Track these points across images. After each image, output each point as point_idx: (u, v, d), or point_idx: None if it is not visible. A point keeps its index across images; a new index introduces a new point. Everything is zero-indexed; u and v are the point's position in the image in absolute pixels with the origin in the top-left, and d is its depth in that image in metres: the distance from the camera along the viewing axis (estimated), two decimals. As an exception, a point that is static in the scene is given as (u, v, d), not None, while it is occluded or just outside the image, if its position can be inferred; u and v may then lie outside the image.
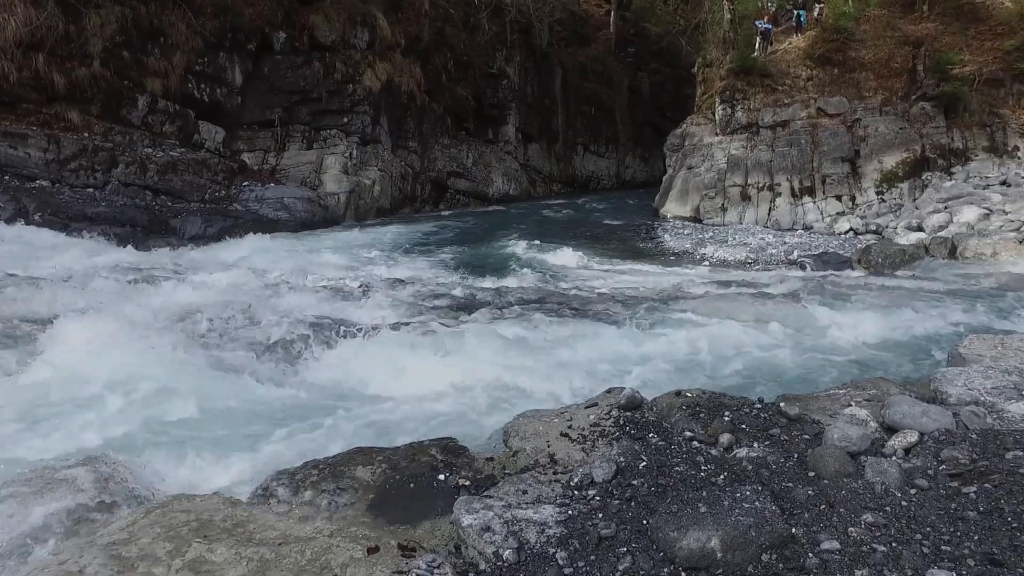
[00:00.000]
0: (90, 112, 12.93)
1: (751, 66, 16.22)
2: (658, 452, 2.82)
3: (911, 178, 14.75)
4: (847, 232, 13.59)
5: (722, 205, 15.46)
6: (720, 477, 2.58)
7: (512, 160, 22.83)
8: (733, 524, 2.11)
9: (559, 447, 3.01)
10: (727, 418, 3.11)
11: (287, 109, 16.11)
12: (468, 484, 2.82)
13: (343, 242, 12.81)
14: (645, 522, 2.26)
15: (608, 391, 3.63)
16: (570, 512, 2.36)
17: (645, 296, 7.90)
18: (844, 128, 15.48)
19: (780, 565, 2.02)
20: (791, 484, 2.50)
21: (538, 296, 7.97)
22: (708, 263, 11.48)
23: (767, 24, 17.51)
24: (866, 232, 13.38)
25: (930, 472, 2.53)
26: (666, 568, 2.05)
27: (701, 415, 3.16)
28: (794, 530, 2.17)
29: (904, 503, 2.30)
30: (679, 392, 3.44)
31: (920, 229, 12.18)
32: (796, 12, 18.03)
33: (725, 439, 2.92)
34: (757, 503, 2.22)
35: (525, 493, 2.56)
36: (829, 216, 14.57)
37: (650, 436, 3.00)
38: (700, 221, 15.51)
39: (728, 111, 16.13)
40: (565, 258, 11.33)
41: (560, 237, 13.72)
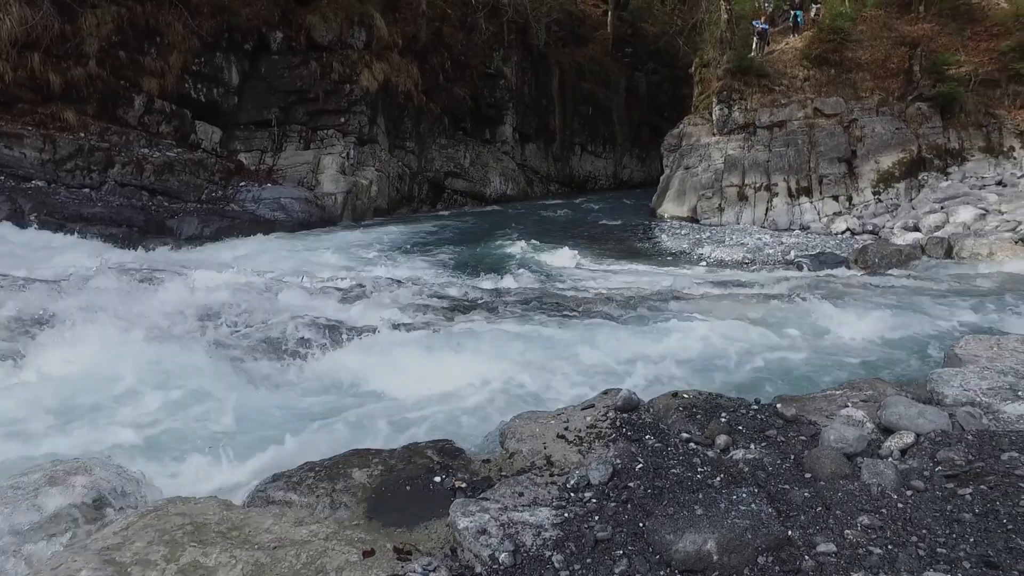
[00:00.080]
0: (86, 112, 12.90)
1: (748, 66, 16.25)
2: (654, 454, 2.82)
3: (907, 178, 14.79)
4: (844, 232, 13.62)
5: (719, 205, 15.47)
6: (716, 479, 2.58)
7: (509, 160, 22.83)
8: (729, 526, 2.10)
9: (555, 449, 3.00)
10: (724, 419, 3.11)
11: (284, 109, 16.09)
12: (464, 486, 2.81)
13: (340, 242, 12.80)
14: (641, 524, 2.26)
15: (605, 392, 3.62)
16: (566, 514, 2.36)
17: (642, 296, 7.91)
18: (841, 128, 15.51)
19: (776, 568, 2.01)
20: (787, 486, 2.50)
21: (535, 296, 7.96)
22: (705, 263, 11.49)
23: (764, 24, 17.55)
24: (863, 232, 13.41)
25: (926, 473, 2.53)
26: (662, 571, 2.04)
27: (698, 416, 3.16)
28: (790, 532, 2.16)
29: (900, 505, 2.30)
30: (676, 393, 3.43)
31: (916, 229, 12.22)
32: (793, 12, 18.08)
33: (722, 440, 2.92)
34: (753, 505, 2.22)
35: (521, 495, 2.55)
36: (826, 216, 14.60)
37: (647, 438, 2.99)
38: (697, 221, 15.53)
39: (725, 111, 16.15)
40: (562, 258, 11.33)
41: (557, 237, 13.72)
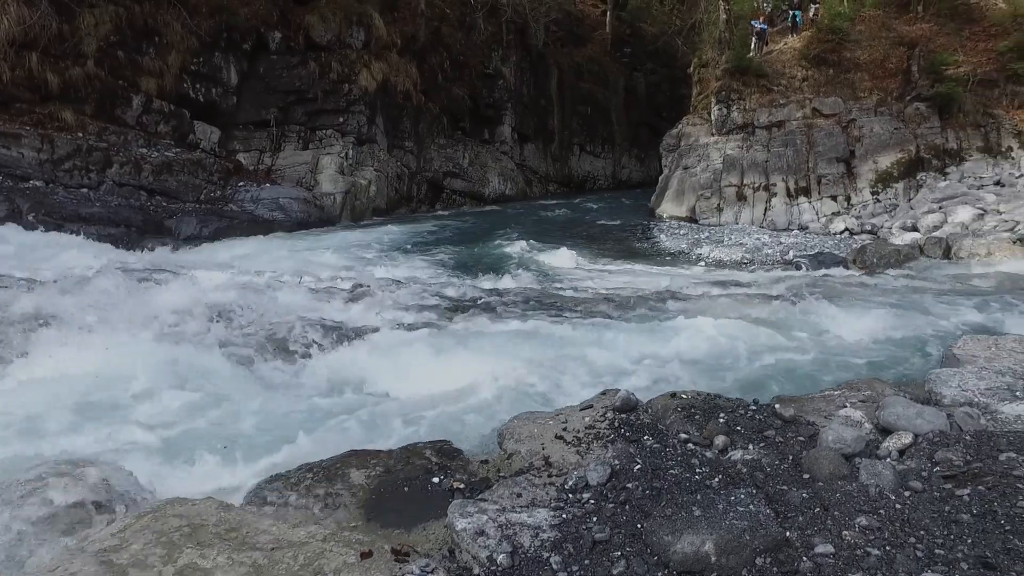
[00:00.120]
0: (84, 112, 12.87)
1: (747, 66, 16.25)
2: (653, 455, 2.82)
3: (906, 178, 14.80)
4: (842, 232, 13.63)
5: (718, 205, 15.48)
6: (715, 480, 2.58)
7: (508, 160, 22.82)
8: (727, 528, 2.10)
9: (554, 449, 3.00)
10: (722, 420, 3.11)
11: (283, 109, 16.07)
12: (463, 487, 2.81)
13: (339, 242, 12.79)
14: (639, 526, 2.26)
15: (603, 393, 3.62)
16: (564, 516, 2.35)
17: (641, 297, 7.91)
18: (839, 128, 15.52)
19: (774, 569, 2.01)
20: (786, 487, 2.50)
21: (534, 297, 7.96)
22: (704, 263, 11.50)
23: (763, 24, 17.55)
24: (861, 232, 13.42)
25: (924, 474, 2.53)
26: (660, 572, 2.04)
27: (696, 417, 3.16)
28: (788, 534, 2.16)
29: (898, 506, 2.30)
30: (674, 394, 3.43)
31: (915, 229, 12.22)
32: (792, 12, 18.08)
33: (720, 441, 2.92)
34: (751, 506, 2.22)
35: (519, 496, 2.55)
36: (824, 216, 14.61)
37: (645, 438, 2.99)
38: (696, 221, 15.53)
39: (724, 111, 16.15)
40: (561, 258, 11.33)
41: (556, 237, 13.72)
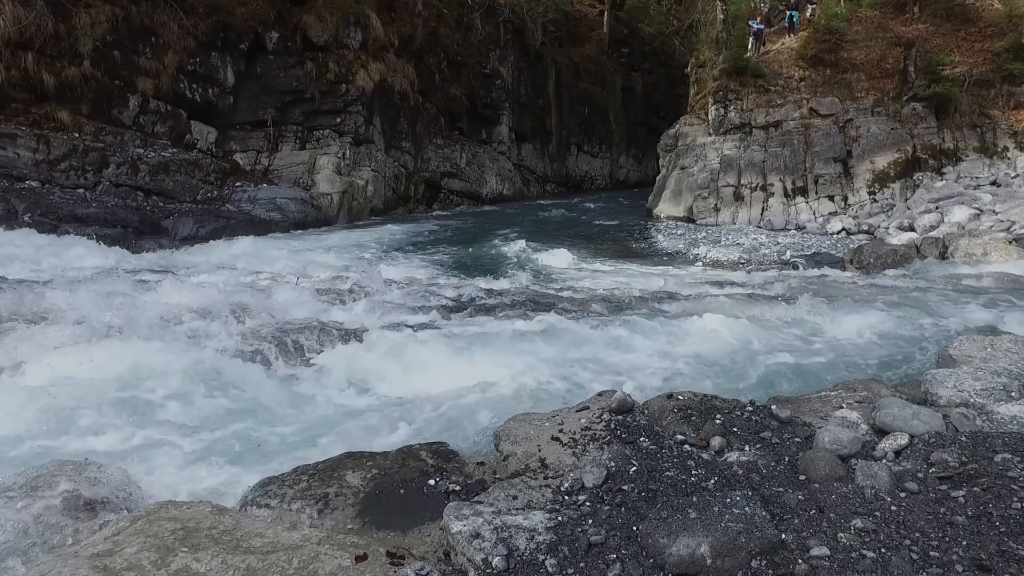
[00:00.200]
0: (80, 112, 12.83)
1: (744, 66, 16.27)
2: (649, 456, 2.82)
3: (903, 178, 14.83)
4: (839, 232, 13.65)
5: (715, 205, 15.49)
6: (711, 482, 2.57)
7: (506, 160, 22.82)
8: (723, 530, 2.10)
9: (550, 451, 3.00)
10: (718, 421, 3.11)
11: (280, 109, 16.05)
12: (459, 489, 2.80)
13: (336, 243, 12.77)
14: (635, 528, 2.26)
15: (599, 394, 3.62)
16: (560, 518, 2.35)
17: (638, 297, 7.90)
18: (836, 128, 15.55)
19: (770, 572, 2.01)
20: (781, 489, 2.50)
21: (531, 297, 7.95)
22: (701, 263, 11.51)
23: (760, 24, 17.57)
24: (858, 232, 13.44)
25: (920, 475, 2.53)
26: (656, 575, 2.04)
27: (692, 418, 3.16)
28: (784, 536, 2.16)
29: (894, 508, 2.30)
30: (670, 395, 3.43)
31: (911, 229, 12.25)
32: (789, 13, 18.11)
33: (716, 442, 2.92)
34: (747, 508, 2.22)
35: (515, 499, 2.54)
36: (821, 216, 14.63)
37: (641, 440, 2.99)
38: (693, 221, 15.54)
39: (721, 111, 16.17)
40: (558, 259, 11.33)
41: (554, 238, 13.72)
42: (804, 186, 15.14)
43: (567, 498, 2.51)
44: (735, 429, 3.03)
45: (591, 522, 2.32)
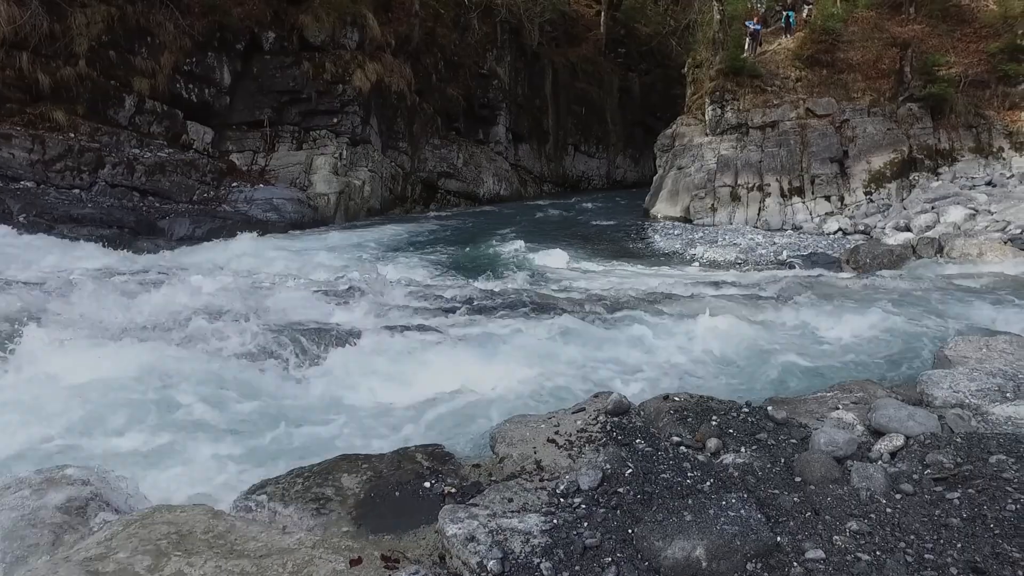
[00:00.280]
0: (76, 112, 12.79)
1: (740, 67, 16.30)
2: (645, 459, 2.81)
3: (899, 178, 14.87)
4: (836, 232, 13.68)
5: (712, 205, 15.51)
6: (706, 484, 2.57)
7: (503, 160, 22.81)
8: (718, 533, 2.10)
9: (545, 453, 2.99)
10: (714, 423, 3.10)
11: (276, 109, 16.02)
12: (454, 492, 2.80)
13: (333, 243, 12.75)
14: (630, 531, 2.25)
15: (595, 396, 3.61)
16: (555, 521, 2.34)
17: (634, 297, 7.90)
18: (833, 129, 15.58)
19: (765, 574, 2.01)
20: (777, 491, 2.49)
21: (528, 298, 7.94)
22: (698, 263, 11.52)
23: (756, 25, 17.60)
24: (854, 232, 13.47)
25: (915, 477, 2.53)
26: (651, 578, 2.04)
27: (688, 419, 3.15)
28: (779, 539, 2.16)
29: (889, 510, 2.30)
30: (667, 396, 3.43)
31: (907, 229, 12.28)
32: (785, 13, 18.15)
33: (712, 444, 2.92)
34: (743, 511, 2.22)
35: (511, 501, 2.54)
36: (818, 216, 14.66)
37: (637, 442, 2.99)
38: (690, 221, 15.56)
39: (718, 112, 16.19)
40: (555, 259, 11.33)
41: (551, 238, 13.72)
42: (800, 186, 15.17)
43: (562, 501, 2.51)
44: (731, 431, 3.03)
45: (586, 525, 2.32)
